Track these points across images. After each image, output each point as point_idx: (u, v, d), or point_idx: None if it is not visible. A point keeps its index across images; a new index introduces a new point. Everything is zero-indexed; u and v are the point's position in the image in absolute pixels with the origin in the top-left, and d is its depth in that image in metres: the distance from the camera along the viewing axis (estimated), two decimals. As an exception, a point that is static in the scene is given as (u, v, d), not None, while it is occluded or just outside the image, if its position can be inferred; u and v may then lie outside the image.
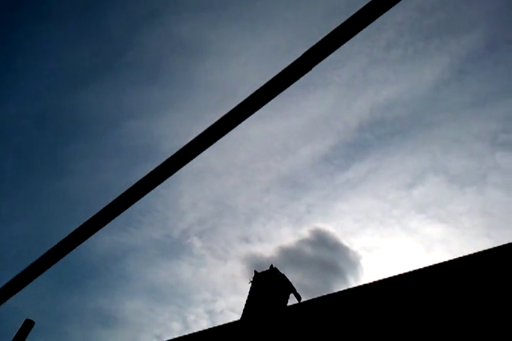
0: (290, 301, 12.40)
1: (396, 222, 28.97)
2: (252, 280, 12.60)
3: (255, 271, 12.77)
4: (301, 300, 12.54)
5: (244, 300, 12.28)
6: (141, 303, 29.65)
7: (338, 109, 29.60)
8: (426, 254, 26.91)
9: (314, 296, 9.52)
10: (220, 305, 29.81)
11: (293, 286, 12.75)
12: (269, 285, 12.25)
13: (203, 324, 31.67)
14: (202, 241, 30.47)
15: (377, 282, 8.69)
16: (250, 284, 12.64)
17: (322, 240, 26.89)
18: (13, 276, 2.75)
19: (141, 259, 31.01)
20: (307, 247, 26.80)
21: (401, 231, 28.98)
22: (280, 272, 12.63)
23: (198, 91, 31.81)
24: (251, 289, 12.45)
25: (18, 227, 30.62)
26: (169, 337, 11.53)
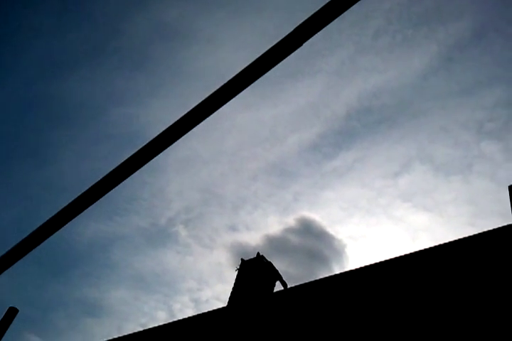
0: (276, 289, 12.52)
1: (382, 211, 29.21)
2: (239, 267, 12.68)
3: (242, 259, 12.85)
4: (287, 287, 12.65)
5: (230, 288, 12.37)
6: (126, 292, 29.72)
7: (326, 97, 29.65)
8: (411, 243, 27.19)
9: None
10: (206, 294, 29.97)
11: (279, 274, 12.85)
12: (255, 272, 12.34)
13: (189, 312, 31.78)
14: (188, 229, 30.53)
15: (361, 268, 8.81)
16: (237, 272, 12.72)
17: (308, 228, 27.07)
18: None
19: (127, 248, 31.02)
20: (293, 235, 26.98)
21: (387, 219, 29.24)
22: (267, 259, 12.72)
23: (186, 78, 31.71)
24: (237, 277, 12.53)
25: (4, 216, 30.46)
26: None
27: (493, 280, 7.21)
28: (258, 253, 13.00)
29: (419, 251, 8.34)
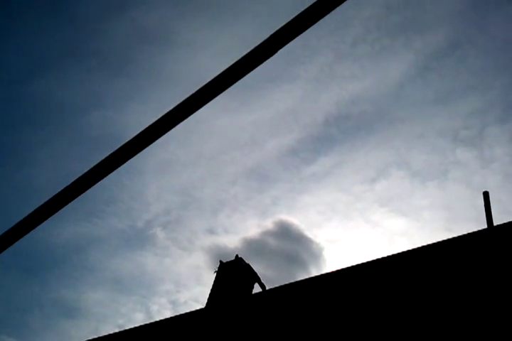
0: (255, 291, 12.57)
1: (359, 215, 29.47)
2: (217, 269, 12.71)
3: (220, 261, 12.88)
4: (265, 289, 12.71)
5: (208, 291, 12.37)
6: (104, 294, 29.48)
7: (305, 103, 29.84)
8: (388, 247, 27.49)
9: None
10: (184, 296, 29.89)
11: (258, 276, 12.91)
12: (234, 274, 12.38)
13: (166, 314, 31.61)
14: (167, 231, 30.43)
15: (338, 271, 8.93)
16: (215, 274, 12.75)
17: (286, 232, 27.19)
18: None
19: (104, 250, 30.76)
20: (271, 239, 27.05)
21: (364, 223, 29.50)
22: (245, 262, 12.77)
23: (165, 82, 31.62)
24: (216, 279, 12.56)
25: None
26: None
27: (468, 282, 7.38)
28: (237, 255, 13.04)
29: (395, 254, 8.48)
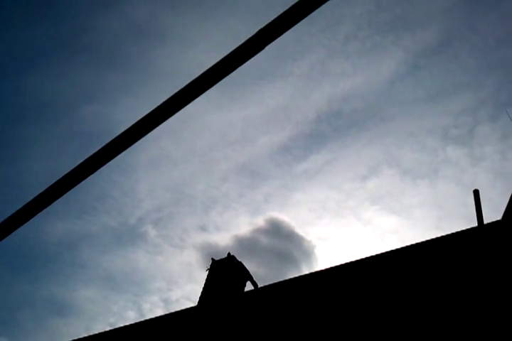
0: (247, 289, 12.59)
1: (351, 213, 29.58)
2: (209, 267, 12.71)
3: (212, 259, 12.89)
4: (257, 287, 12.73)
5: (199, 288, 12.38)
6: (95, 291, 29.40)
7: (297, 100, 29.87)
8: (379, 245, 27.60)
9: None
10: (176, 294, 29.89)
11: (250, 274, 12.93)
12: (226, 272, 12.39)
13: (158, 312, 31.65)
14: (158, 229, 30.39)
15: (330, 269, 8.97)
16: (207, 272, 12.76)
17: (277, 229, 27.24)
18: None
19: (96, 247, 30.67)
20: (262, 236, 27.11)
21: (355, 221, 29.60)
22: (237, 260, 12.79)
23: (156, 77, 31.54)
24: (208, 277, 12.57)
25: (-30, 214, 29.75)
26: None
27: (458, 279, 7.44)
28: (229, 253, 13.06)
29: (386, 252, 8.53)
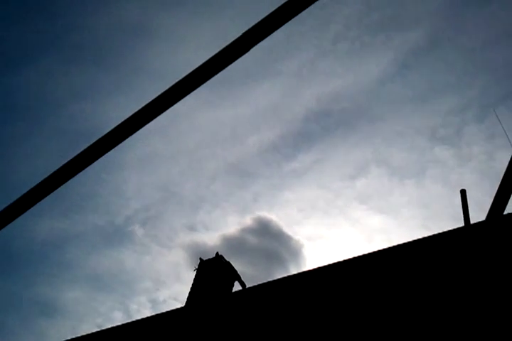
0: (235, 289, 12.56)
1: (339, 212, 29.67)
2: (197, 267, 12.67)
3: (200, 259, 12.85)
4: (245, 287, 12.71)
5: (187, 289, 12.33)
6: (82, 292, 29.23)
7: (286, 99, 29.90)
8: (367, 244, 27.71)
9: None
10: (163, 294, 29.79)
11: (238, 274, 12.90)
12: (214, 272, 12.36)
13: (146, 313, 31.50)
14: (146, 228, 30.27)
15: (318, 269, 8.96)
16: (195, 272, 12.71)
17: (265, 229, 27.25)
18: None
19: (82, 246, 30.47)
20: (250, 236, 27.10)
21: (344, 221, 29.72)
22: (225, 259, 12.76)
23: (146, 75, 31.41)
24: (195, 277, 12.52)
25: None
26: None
27: (445, 280, 7.46)
28: (217, 253, 13.02)
29: (374, 252, 8.54)
